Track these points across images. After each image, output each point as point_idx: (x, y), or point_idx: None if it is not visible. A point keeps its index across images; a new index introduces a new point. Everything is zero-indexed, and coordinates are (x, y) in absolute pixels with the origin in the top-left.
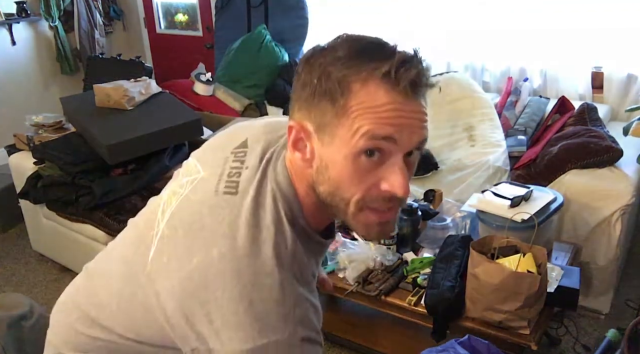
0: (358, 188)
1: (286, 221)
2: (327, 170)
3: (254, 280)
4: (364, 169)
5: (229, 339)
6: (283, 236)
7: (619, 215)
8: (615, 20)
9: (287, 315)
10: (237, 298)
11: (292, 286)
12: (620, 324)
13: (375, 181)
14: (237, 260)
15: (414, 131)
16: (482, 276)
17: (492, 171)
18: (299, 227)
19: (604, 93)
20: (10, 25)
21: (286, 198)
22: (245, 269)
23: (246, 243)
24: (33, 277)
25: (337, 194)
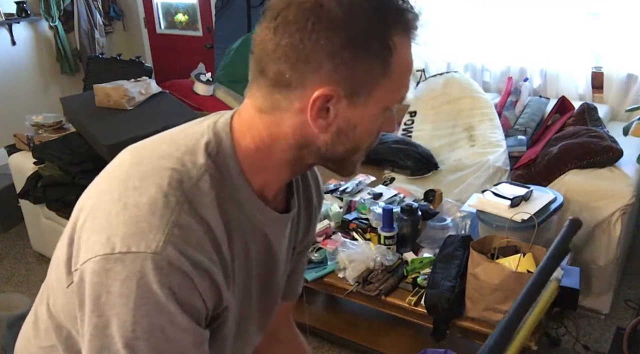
0: (371, 136)
1: (207, 157)
2: (355, 129)
3: (139, 184)
4: (380, 120)
5: (92, 244)
6: (195, 166)
7: (619, 215)
8: (615, 20)
9: (161, 228)
10: (115, 200)
11: (181, 207)
12: (620, 324)
13: (380, 124)
14: (132, 167)
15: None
16: (482, 276)
17: (492, 171)
18: (228, 181)
19: (604, 93)
20: (10, 25)
21: (222, 148)
22: (135, 174)
23: (151, 156)
24: (33, 277)
25: (356, 148)
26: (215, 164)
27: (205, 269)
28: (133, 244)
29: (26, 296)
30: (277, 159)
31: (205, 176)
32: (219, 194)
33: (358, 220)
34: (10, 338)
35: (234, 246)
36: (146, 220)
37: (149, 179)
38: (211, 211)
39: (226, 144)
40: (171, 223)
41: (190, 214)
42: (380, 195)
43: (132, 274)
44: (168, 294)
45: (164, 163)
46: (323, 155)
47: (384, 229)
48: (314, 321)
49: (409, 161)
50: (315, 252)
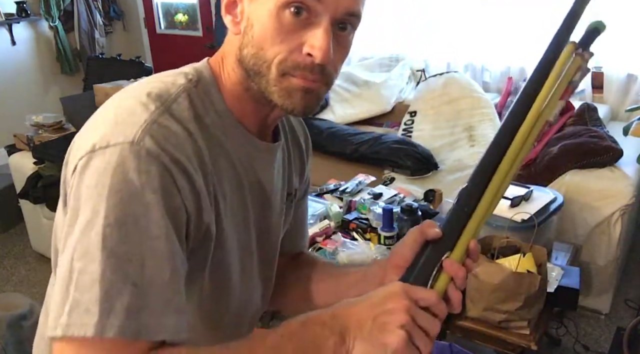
0: (280, 48)
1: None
2: (252, 28)
3: (119, 102)
4: (288, 27)
5: (75, 152)
6: (174, 85)
7: (619, 215)
8: (615, 20)
9: (139, 124)
10: (96, 117)
11: (160, 113)
12: (620, 324)
13: (299, 44)
14: (115, 95)
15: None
16: (482, 276)
17: None
18: (212, 109)
19: (604, 93)
20: (10, 25)
21: (202, 79)
22: (117, 97)
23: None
24: (33, 277)
25: (260, 56)
26: (196, 89)
27: (185, 168)
28: (112, 139)
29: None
30: (239, 83)
31: (184, 94)
32: (199, 114)
33: (358, 220)
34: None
35: (223, 168)
36: (124, 120)
37: (129, 95)
38: (192, 125)
39: (206, 74)
40: (150, 121)
41: (170, 120)
42: (380, 195)
43: (109, 165)
44: (145, 182)
45: (146, 83)
46: (242, 67)
47: (384, 229)
48: None
49: (409, 161)
50: (315, 252)
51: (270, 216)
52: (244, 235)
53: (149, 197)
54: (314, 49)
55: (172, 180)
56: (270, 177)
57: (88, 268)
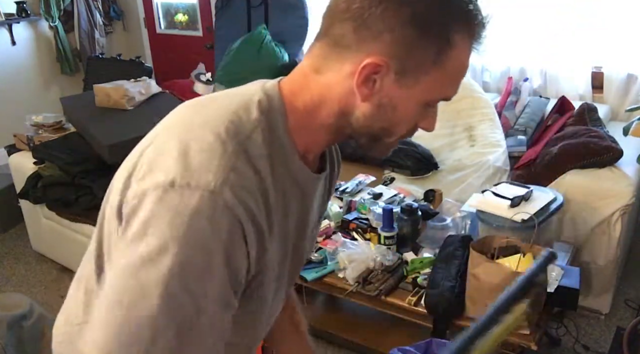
0: (408, 124)
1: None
2: (395, 110)
3: (199, 130)
4: (420, 111)
5: (151, 177)
6: (249, 120)
7: (619, 215)
8: (615, 20)
9: (220, 170)
10: (177, 142)
11: (237, 155)
12: (620, 324)
13: (418, 119)
14: (192, 115)
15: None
16: (482, 276)
17: (492, 171)
18: (276, 138)
19: (604, 93)
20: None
21: (272, 106)
22: (196, 120)
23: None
24: (33, 277)
25: (390, 130)
26: (267, 120)
27: (255, 216)
28: (193, 180)
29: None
30: (320, 123)
31: (258, 130)
32: (269, 148)
33: (358, 220)
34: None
35: (278, 200)
36: (206, 162)
37: (207, 126)
38: (263, 162)
39: (277, 102)
40: (229, 167)
41: (245, 162)
42: (380, 195)
43: (187, 207)
44: (216, 236)
45: (222, 113)
46: (359, 127)
47: (384, 229)
48: (314, 321)
49: (409, 161)
50: (315, 252)
51: (304, 238)
52: (282, 265)
53: (215, 250)
54: (430, 127)
55: (242, 234)
56: (312, 206)
57: (140, 303)
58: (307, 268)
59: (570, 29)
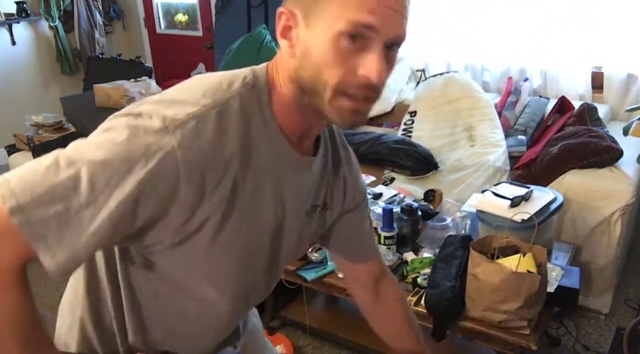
0: (336, 72)
1: (242, 86)
2: (310, 54)
3: (180, 91)
4: (344, 53)
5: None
6: (230, 88)
7: (619, 215)
8: (615, 20)
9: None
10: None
11: (209, 110)
12: (620, 324)
13: (354, 67)
14: (180, 85)
15: (396, 23)
16: (482, 276)
17: (492, 171)
18: (259, 115)
19: (604, 93)
20: (10, 25)
21: (257, 83)
22: (180, 85)
23: (197, 78)
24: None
25: (318, 79)
26: (249, 94)
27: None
28: (158, 112)
29: None
30: (291, 100)
31: (237, 99)
32: (247, 120)
33: None
34: None
35: (246, 176)
36: (178, 107)
37: (192, 90)
38: (235, 128)
39: (262, 81)
40: (195, 115)
41: (213, 120)
42: (380, 195)
43: (145, 125)
44: (145, 159)
45: (208, 82)
46: (297, 85)
47: (384, 229)
48: (314, 321)
49: (409, 161)
50: (315, 252)
51: (282, 229)
52: (256, 238)
53: (138, 165)
54: (370, 73)
55: (172, 175)
56: (296, 191)
57: (62, 168)
58: (307, 268)
59: (570, 29)
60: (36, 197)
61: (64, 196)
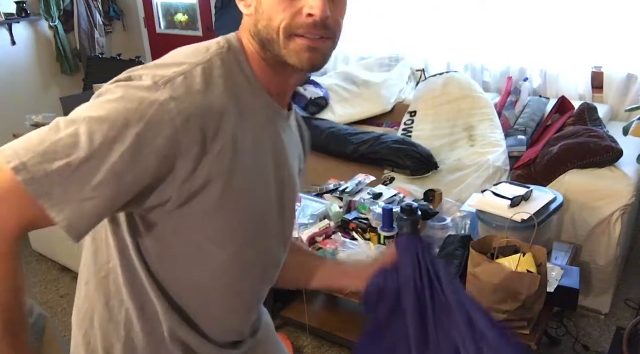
0: (285, 15)
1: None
2: (261, 5)
3: (165, 59)
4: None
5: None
6: (208, 51)
7: (619, 215)
8: (615, 20)
9: (174, 74)
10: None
11: (194, 68)
12: (620, 324)
13: (299, 8)
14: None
15: None
16: (482, 276)
17: (492, 171)
18: (241, 73)
19: (604, 93)
20: (10, 25)
21: (232, 46)
22: (184, 52)
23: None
24: (33, 277)
25: (270, 26)
26: (227, 54)
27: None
28: (148, 74)
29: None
30: (257, 54)
31: (217, 58)
32: (229, 75)
33: (358, 220)
34: None
35: (243, 127)
36: (165, 69)
37: (173, 56)
38: (221, 81)
39: (235, 44)
40: (182, 72)
41: (199, 75)
42: (380, 195)
43: (136, 84)
44: (137, 115)
45: (186, 48)
46: (259, 40)
47: (384, 229)
48: (314, 321)
49: (409, 161)
50: (316, 252)
51: (288, 177)
52: (264, 196)
53: (135, 121)
54: (313, 9)
55: (168, 129)
56: (288, 140)
57: (62, 129)
58: None
59: (570, 29)
60: (38, 155)
61: (65, 152)
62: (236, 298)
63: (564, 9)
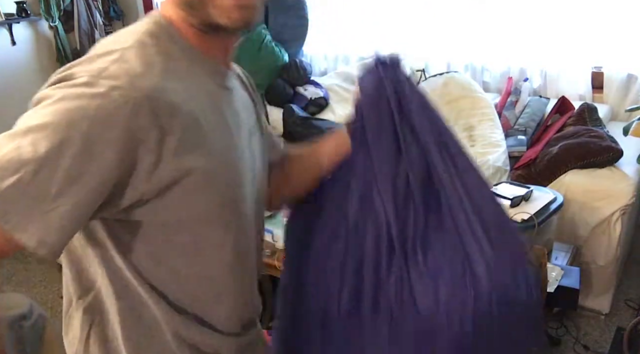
0: None
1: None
2: None
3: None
4: None
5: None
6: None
7: (619, 215)
8: (615, 20)
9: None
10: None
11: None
12: (620, 324)
13: None
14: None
15: None
16: None
17: (492, 171)
18: (174, 44)
19: (604, 93)
20: (10, 25)
21: (158, 21)
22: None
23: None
24: (33, 277)
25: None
26: (157, 30)
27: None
28: (77, 73)
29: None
30: (185, 22)
31: (146, 34)
32: (164, 51)
33: None
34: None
35: (201, 105)
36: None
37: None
38: (159, 58)
39: (161, 20)
40: (112, 61)
41: (135, 56)
42: None
43: (72, 82)
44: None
45: (113, 36)
46: (182, 6)
47: None
48: None
49: None
50: None
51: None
52: (234, 152)
53: (79, 120)
54: None
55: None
56: (239, 96)
57: (4, 144)
58: None
59: (570, 29)
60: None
61: (13, 168)
62: (240, 271)
63: (564, 9)
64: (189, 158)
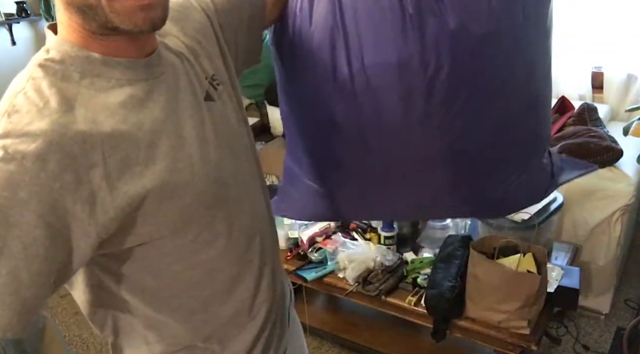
0: None
1: (39, 58)
2: None
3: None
4: None
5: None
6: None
7: (619, 215)
8: (615, 20)
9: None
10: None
11: (13, 98)
12: (620, 324)
13: None
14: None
15: None
16: (482, 276)
17: None
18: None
19: (604, 93)
20: (10, 25)
21: (51, 43)
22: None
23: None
24: None
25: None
26: (50, 55)
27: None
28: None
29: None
30: (83, 30)
31: (36, 69)
32: (66, 74)
33: None
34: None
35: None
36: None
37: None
38: (54, 90)
39: (52, 39)
40: (1, 115)
41: (25, 105)
42: None
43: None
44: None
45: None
46: (77, 17)
47: (384, 229)
48: (314, 321)
49: None
50: (315, 252)
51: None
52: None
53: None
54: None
55: (31, 174)
56: (177, 76)
57: None
58: (307, 268)
59: (570, 29)
60: None
61: None
62: (247, 255)
63: (564, 9)
64: (132, 177)
